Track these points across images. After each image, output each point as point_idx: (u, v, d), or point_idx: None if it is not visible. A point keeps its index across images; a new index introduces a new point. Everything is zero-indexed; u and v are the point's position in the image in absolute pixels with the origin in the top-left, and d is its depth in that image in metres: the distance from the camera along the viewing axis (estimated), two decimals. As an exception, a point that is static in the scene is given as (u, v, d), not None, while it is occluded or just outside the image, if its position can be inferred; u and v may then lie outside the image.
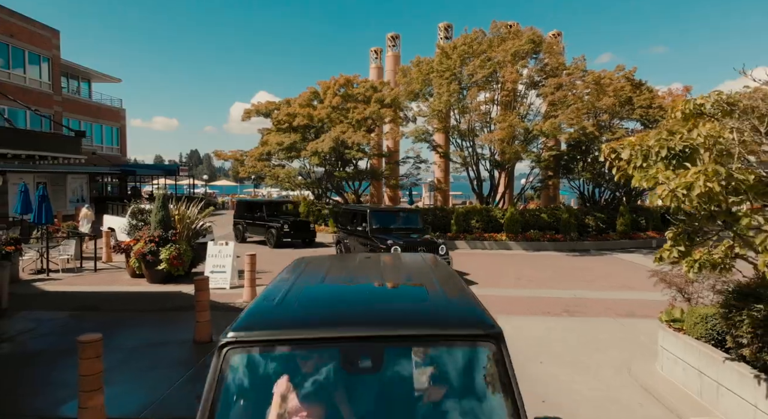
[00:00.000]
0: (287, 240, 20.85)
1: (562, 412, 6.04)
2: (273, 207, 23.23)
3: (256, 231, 22.38)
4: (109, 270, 15.54)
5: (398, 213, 16.64)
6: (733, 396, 5.53)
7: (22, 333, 9.10)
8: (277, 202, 25.15)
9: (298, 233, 21.42)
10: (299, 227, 21.65)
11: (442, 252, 13.56)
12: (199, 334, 8.50)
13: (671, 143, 3.90)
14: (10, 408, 6.13)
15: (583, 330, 9.41)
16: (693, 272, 4.86)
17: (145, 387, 6.73)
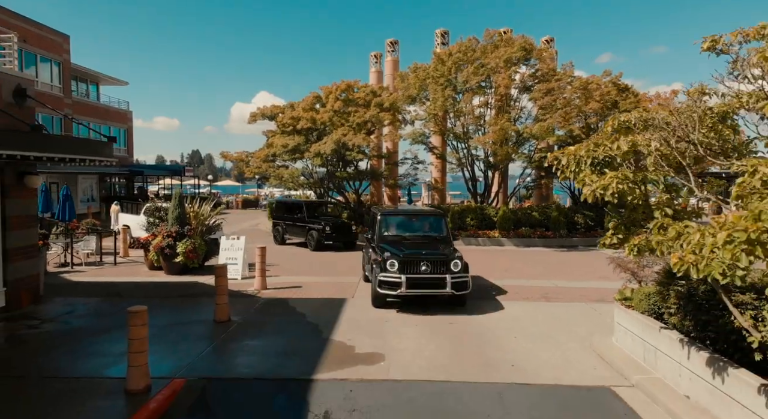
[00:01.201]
0: (328, 243, 19.91)
1: (526, 373, 7.27)
2: (314, 208, 22.35)
3: (296, 233, 21.59)
4: (127, 264, 16.77)
5: (416, 217, 13.12)
6: (666, 357, 6.74)
7: (62, 314, 10.32)
8: (318, 203, 24.36)
9: (340, 236, 20.59)
10: (341, 229, 20.86)
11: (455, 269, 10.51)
12: (219, 314, 9.72)
13: (596, 153, 5.10)
14: (63, 372, 7.33)
15: (557, 312, 10.63)
16: (633, 254, 6.05)
17: (176, 355, 7.95)
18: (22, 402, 6.28)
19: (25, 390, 6.61)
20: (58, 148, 9.28)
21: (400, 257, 10.53)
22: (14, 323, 9.75)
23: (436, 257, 10.65)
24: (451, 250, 11.12)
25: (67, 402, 6.25)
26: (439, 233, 12.24)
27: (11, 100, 10.33)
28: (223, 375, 7.25)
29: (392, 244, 11.38)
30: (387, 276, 10.34)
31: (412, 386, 6.82)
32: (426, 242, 11.77)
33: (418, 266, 10.43)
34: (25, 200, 10.81)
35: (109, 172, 38.17)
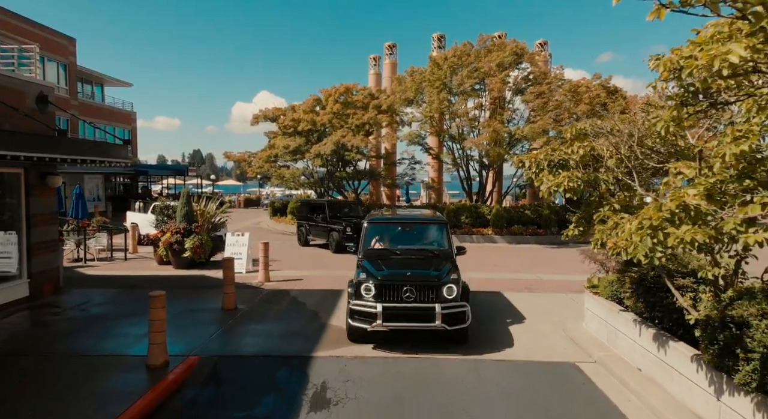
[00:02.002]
0: (349, 244, 18.52)
1: (504, 353, 8.16)
2: (337, 208, 21.58)
3: (319, 234, 20.99)
4: (137, 259, 17.67)
5: (411, 225, 10.44)
6: (624, 336, 7.63)
7: (82, 303, 11.22)
8: (341, 203, 23.66)
9: None
10: None
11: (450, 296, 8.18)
12: (226, 303, 10.62)
13: (552, 157, 5.98)
14: (90, 350, 8.22)
15: (537, 302, 11.53)
16: (597, 247, 6.92)
17: (190, 337, 8.85)
18: (56, 374, 7.18)
19: (58, 365, 7.51)
20: (81, 151, 10.18)
21: (378, 279, 8.20)
22: (39, 311, 10.66)
23: (423, 279, 8.18)
24: (446, 269, 8.51)
25: (97, 374, 7.15)
26: (438, 246, 9.63)
27: (34, 106, 11.22)
28: (232, 353, 8.15)
29: (375, 261, 8.88)
30: (359, 305, 8.16)
31: (399, 361, 7.72)
32: (419, 258, 9.15)
33: (400, 292, 8.10)
34: (47, 199, 11.71)
35: (114, 172, 39.09)
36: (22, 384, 6.82)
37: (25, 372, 7.24)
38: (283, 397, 6.62)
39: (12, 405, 6.16)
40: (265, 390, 6.84)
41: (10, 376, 7.12)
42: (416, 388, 6.80)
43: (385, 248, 9.65)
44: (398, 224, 10.51)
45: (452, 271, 8.56)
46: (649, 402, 6.19)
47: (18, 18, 31.89)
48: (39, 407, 6.12)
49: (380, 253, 9.45)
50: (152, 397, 6.53)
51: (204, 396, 6.73)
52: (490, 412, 6.09)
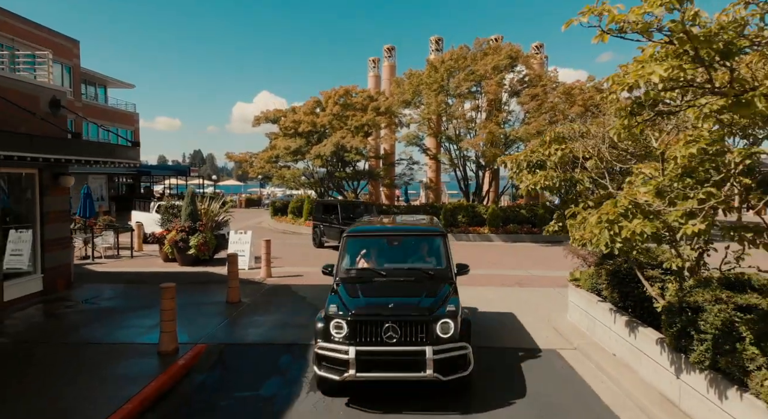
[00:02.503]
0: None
1: (491, 340, 8.73)
2: (350, 209, 21.13)
3: (333, 236, 20.37)
4: (142, 257, 18.25)
5: (401, 237, 8.61)
6: (602, 324, 8.19)
7: (93, 297, 11.79)
8: (355, 203, 23.21)
9: None
10: None
11: None
12: (231, 296, 11.20)
13: (531, 158, 6.56)
14: (104, 339, 8.80)
15: (526, 296, 12.10)
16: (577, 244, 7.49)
17: (197, 327, 9.43)
18: (74, 359, 7.76)
19: (75, 352, 8.10)
20: (93, 152, 10.77)
21: (351, 313, 6.31)
22: (53, 304, 11.24)
23: (410, 313, 6.28)
24: (442, 296, 6.70)
25: (112, 360, 7.73)
26: (433, 264, 7.67)
27: (48, 110, 11.81)
28: (237, 341, 8.74)
29: (352, 287, 7.06)
30: (327, 349, 6.29)
31: (393, 348, 8.28)
32: (408, 281, 7.29)
33: (380, 330, 6.18)
34: (60, 198, 12.29)
35: (118, 172, 39.67)
36: (42, 369, 7.40)
37: (45, 359, 7.82)
38: (285, 380, 7.20)
39: (34, 387, 6.74)
40: (269, 373, 7.42)
41: (30, 362, 7.70)
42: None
43: (368, 268, 7.63)
44: (384, 236, 8.42)
45: (449, 299, 6.65)
46: (620, 383, 6.76)
47: (24, 21, 32.51)
48: (60, 388, 6.70)
49: (360, 275, 7.48)
50: (164, 380, 7.10)
51: (212, 379, 7.30)
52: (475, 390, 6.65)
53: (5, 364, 7.60)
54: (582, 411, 6.11)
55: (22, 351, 8.16)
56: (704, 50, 3.28)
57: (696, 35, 3.18)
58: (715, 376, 5.28)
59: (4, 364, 7.60)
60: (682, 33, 3.24)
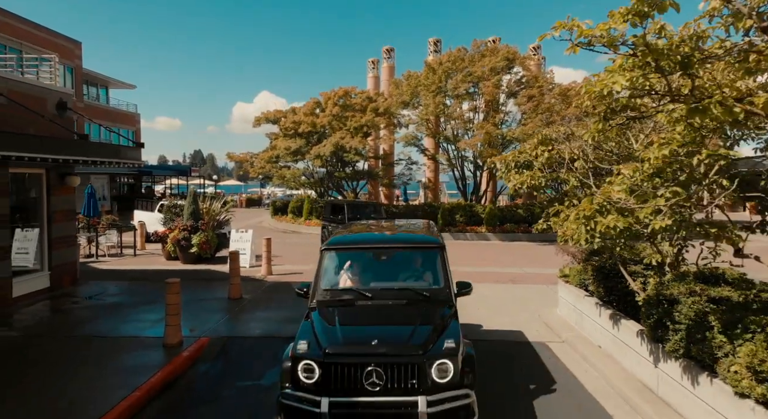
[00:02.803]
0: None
1: (483, 334, 9.08)
2: (357, 209, 20.62)
3: None
4: (145, 255, 18.60)
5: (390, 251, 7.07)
6: (588, 318, 8.54)
7: (98, 294, 12.14)
8: (363, 203, 22.74)
9: None
10: None
11: None
12: (232, 293, 11.55)
13: (519, 159, 6.91)
14: (111, 333, 9.14)
15: (519, 292, 12.45)
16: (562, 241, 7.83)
17: (200, 321, 9.78)
18: (83, 352, 8.11)
19: (83, 345, 8.45)
20: (99, 153, 11.12)
21: (323, 353, 5.03)
22: (59, 300, 11.58)
23: (397, 353, 5.02)
24: (438, 326, 5.41)
25: (120, 352, 8.08)
26: (429, 283, 6.43)
27: (55, 112, 12.15)
28: (239, 334, 9.09)
29: (329, 314, 5.72)
30: (294, 398, 5.03)
31: None
32: (397, 306, 5.92)
33: (360, 375, 4.94)
34: (66, 197, 12.64)
35: (120, 172, 40.03)
36: (52, 361, 7.75)
37: (55, 351, 8.17)
38: (284, 370, 7.54)
39: (46, 378, 7.09)
40: (269, 364, 7.76)
41: (41, 354, 8.05)
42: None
43: (350, 289, 6.31)
44: (370, 249, 6.99)
45: (448, 329, 5.39)
46: (603, 372, 7.11)
47: (27, 23, 32.86)
48: (70, 378, 7.06)
49: (340, 298, 6.19)
50: (170, 370, 7.45)
51: (215, 369, 7.66)
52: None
53: (16, 356, 7.95)
54: (565, 399, 6.46)
55: (32, 344, 8.51)
56: (664, 62, 3.63)
57: (656, 48, 3.52)
58: (689, 364, 5.62)
59: (16, 356, 7.96)
60: (643, 46, 3.58)
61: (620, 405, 6.25)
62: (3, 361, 7.73)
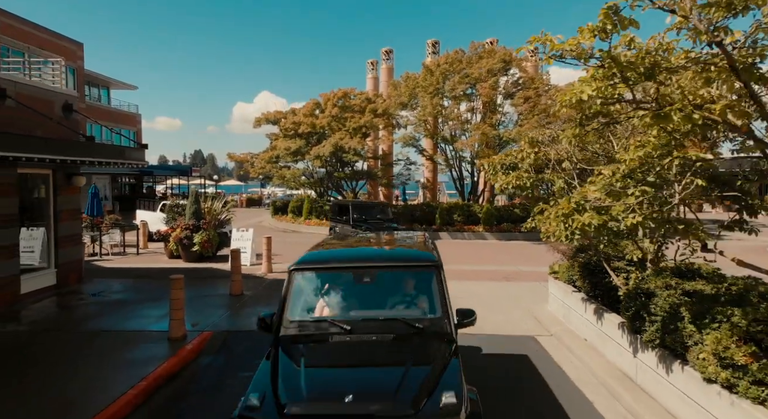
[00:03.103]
0: None
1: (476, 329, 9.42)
2: (362, 210, 20.59)
3: None
4: (148, 254, 18.97)
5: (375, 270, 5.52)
6: (575, 312, 8.90)
7: (104, 291, 12.51)
8: (369, 204, 22.73)
9: None
10: None
11: None
12: (234, 289, 11.91)
13: (506, 161, 7.27)
14: (117, 327, 9.50)
15: (512, 289, 12.81)
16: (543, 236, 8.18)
17: (203, 316, 10.15)
18: (90, 345, 8.47)
19: (91, 339, 8.81)
20: (104, 154, 11.49)
21: (280, 415, 3.70)
22: (66, 297, 11.95)
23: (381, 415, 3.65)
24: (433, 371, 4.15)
25: (126, 345, 8.44)
26: (424, 310, 5.16)
27: (61, 114, 12.52)
28: (239, 328, 9.46)
29: (295, 354, 4.46)
30: None
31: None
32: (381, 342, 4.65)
33: None
34: (72, 197, 13.00)
35: (122, 172, 40.39)
36: (62, 352, 8.12)
37: (64, 344, 8.54)
38: (284, 362, 7.90)
39: (53, 370, 7.46)
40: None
41: (51, 347, 8.42)
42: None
43: (324, 320, 4.97)
44: (351, 268, 5.55)
45: (446, 375, 4.15)
46: (587, 363, 7.48)
47: (29, 24, 33.21)
48: (80, 368, 7.42)
49: (311, 330, 4.94)
50: (174, 362, 7.81)
51: (218, 361, 8.02)
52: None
53: (26, 350, 8.32)
54: (549, 387, 6.82)
55: (41, 338, 8.87)
56: (630, 73, 3.98)
57: (620, 61, 3.88)
58: (663, 353, 5.98)
59: (25, 349, 8.32)
60: (609, 59, 3.94)
61: (601, 393, 6.61)
62: (16, 352, 8.10)
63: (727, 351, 4.81)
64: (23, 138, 9.79)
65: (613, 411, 6.09)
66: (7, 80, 10.93)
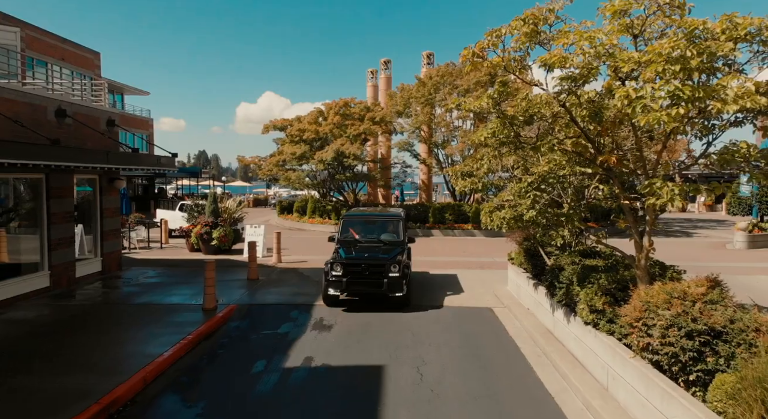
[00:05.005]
0: None
1: (448, 302, 11.83)
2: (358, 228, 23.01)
3: None
4: (170, 248, 21.44)
5: None
6: (523, 289, 11.30)
7: (141, 276, 14.96)
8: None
9: None
10: None
11: None
12: (251, 274, 14.36)
13: (463, 169, 9.64)
14: (160, 301, 11.93)
15: (483, 275, 15.22)
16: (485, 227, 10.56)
17: (228, 294, 12.58)
18: (142, 314, 10.92)
19: (141, 310, 11.25)
20: (144, 162, 13.93)
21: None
22: (112, 280, 14.41)
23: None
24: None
25: (170, 314, 10.87)
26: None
27: (105, 128, 14.98)
28: (259, 302, 11.90)
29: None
30: None
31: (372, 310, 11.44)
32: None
33: None
34: (113, 197, 15.47)
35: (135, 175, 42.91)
36: (122, 319, 10.57)
37: (122, 313, 11.00)
38: (295, 324, 10.34)
39: (121, 328, 9.91)
40: (283, 320, 10.56)
41: (112, 315, 10.87)
42: (378, 319, 10.52)
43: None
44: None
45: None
46: (524, 323, 9.88)
47: (53, 37, 35.78)
48: (141, 328, 9.87)
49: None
50: (210, 325, 10.24)
51: (243, 324, 10.45)
52: (425, 330, 9.78)
53: (90, 317, 10.77)
54: (492, 337, 9.23)
55: (105, 308, 11.33)
56: (515, 120, 6.37)
57: (507, 115, 6.26)
58: (567, 310, 8.38)
59: (94, 316, 10.78)
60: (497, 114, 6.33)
61: (527, 341, 9.02)
62: (89, 318, 10.57)
63: (592, 301, 7.20)
64: (85, 151, 12.24)
65: (530, 351, 8.50)
66: (66, 102, 13.38)
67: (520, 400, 6.74)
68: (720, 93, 4.88)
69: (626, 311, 6.19)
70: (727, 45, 5.36)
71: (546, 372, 7.61)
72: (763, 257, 18.77)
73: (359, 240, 12.63)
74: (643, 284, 6.71)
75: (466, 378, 7.43)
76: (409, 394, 6.92)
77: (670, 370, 5.50)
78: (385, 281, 11.01)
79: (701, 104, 5.00)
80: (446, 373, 7.64)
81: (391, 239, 12.57)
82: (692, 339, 5.30)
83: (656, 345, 5.56)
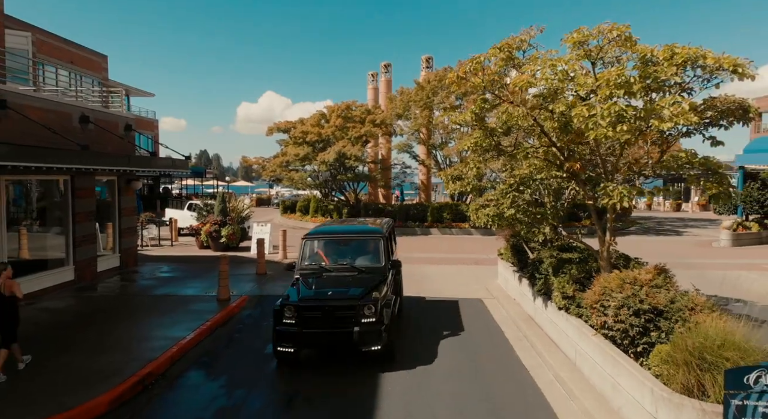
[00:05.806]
0: None
1: (441, 294, 12.87)
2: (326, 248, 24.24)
3: None
4: (180, 245, 22.50)
5: None
6: (510, 282, 12.34)
7: (154, 270, 16.02)
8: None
9: None
10: None
11: None
12: (259, 269, 15.41)
13: (454, 173, 10.67)
14: (178, 292, 12.97)
15: (477, 270, 16.26)
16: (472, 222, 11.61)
17: (240, 287, 13.63)
18: (161, 304, 11.97)
19: (160, 301, 12.31)
20: (160, 165, 14.99)
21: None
22: (129, 274, 15.47)
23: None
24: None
25: (187, 304, 11.92)
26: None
27: (123, 133, 16.03)
28: (268, 293, 12.94)
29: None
30: None
31: (372, 297, 12.47)
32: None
33: None
34: (130, 197, 16.52)
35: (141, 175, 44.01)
36: (143, 308, 11.63)
37: (141, 303, 12.06)
38: (301, 313, 11.37)
39: (143, 315, 10.97)
40: (291, 310, 11.59)
41: (133, 305, 11.93)
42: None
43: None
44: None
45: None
46: (509, 311, 10.93)
47: (64, 41, 36.74)
48: (163, 316, 10.92)
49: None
50: (224, 313, 11.29)
51: (255, 313, 11.50)
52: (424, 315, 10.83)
53: (114, 307, 11.82)
54: (480, 322, 10.28)
55: (126, 299, 12.40)
56: (496, 132, 7.40)
57: (487, 126, 7.28)
58: (545, 298, 9.41)
59: (113, 307, 11.83)
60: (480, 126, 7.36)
61: (511, 326, 10.07)
62: (110, 309, 11.63)
63: (564, 289, 8.23)
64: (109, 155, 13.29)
65: (513, 334, 9.55)
66: (89, 109, 14.43)
67: (500, 374, 7.78)
68: (659, 112, 5.91)
69: (587, 296, 7.23)
70: (670, 69, 6.39)
71: (525, 352, 8.65)
72: (744, 254, 19.80)
73: (326, 268, 9.57)
74: (605, 273, 7.74)
75: (453, 358, 8.47)
76: (405, 376, 7.97)
77: (622, 344, 6.53)
78: (355, 331, 7.80)
79: (643, 123, 6.03)
80: (439, 356, 8.69)
81: (368, 265, 9.34)
82: (639, 317, 6.34)
83: (611, 323, 6.60)
